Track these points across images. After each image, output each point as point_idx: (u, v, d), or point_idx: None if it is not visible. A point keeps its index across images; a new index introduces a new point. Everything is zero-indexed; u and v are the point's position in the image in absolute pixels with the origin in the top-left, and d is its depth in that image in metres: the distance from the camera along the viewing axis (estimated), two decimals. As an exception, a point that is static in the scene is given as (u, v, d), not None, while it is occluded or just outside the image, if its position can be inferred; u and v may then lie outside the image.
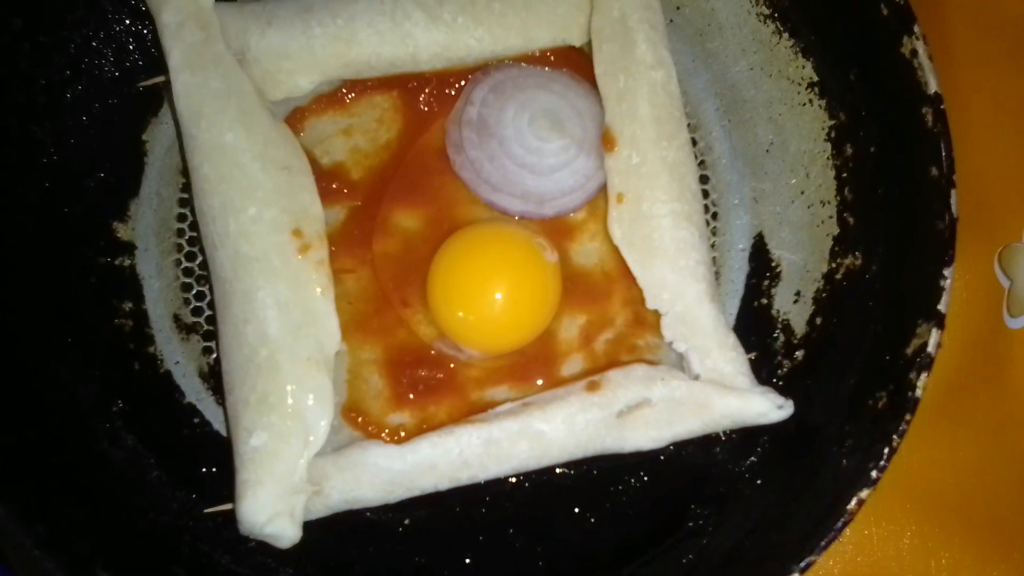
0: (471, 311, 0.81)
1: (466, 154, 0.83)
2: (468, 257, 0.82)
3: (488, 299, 0.82)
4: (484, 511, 0.84)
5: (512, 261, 0.83)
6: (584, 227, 0.86)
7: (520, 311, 0.83)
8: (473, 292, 0.82)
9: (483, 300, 0.82)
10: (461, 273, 0.82)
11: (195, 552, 0.80)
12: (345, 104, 0.86)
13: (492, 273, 0.82)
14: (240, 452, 0.77)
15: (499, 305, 0.82)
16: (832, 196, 0.87)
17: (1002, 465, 0.94)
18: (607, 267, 0.85)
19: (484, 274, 0.82)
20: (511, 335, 0.83)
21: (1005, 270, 0.97)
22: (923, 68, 0.79)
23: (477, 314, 0.82)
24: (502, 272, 0.82)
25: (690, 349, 0.80)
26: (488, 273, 0.82)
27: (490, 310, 0.82)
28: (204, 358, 0.87)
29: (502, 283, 0.82)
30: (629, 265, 0.81)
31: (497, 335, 0.83)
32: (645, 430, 0.79)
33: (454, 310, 0.81)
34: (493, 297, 0.82)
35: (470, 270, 0.82)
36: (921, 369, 0.76)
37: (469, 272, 0.82)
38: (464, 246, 0.83)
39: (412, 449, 0.77)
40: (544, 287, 0.82)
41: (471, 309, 0.81)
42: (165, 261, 0.87)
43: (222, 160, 0.78)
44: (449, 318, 0.81)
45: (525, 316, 0.83)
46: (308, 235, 0.79)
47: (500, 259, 0.83)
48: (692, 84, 0.92)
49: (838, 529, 0.74)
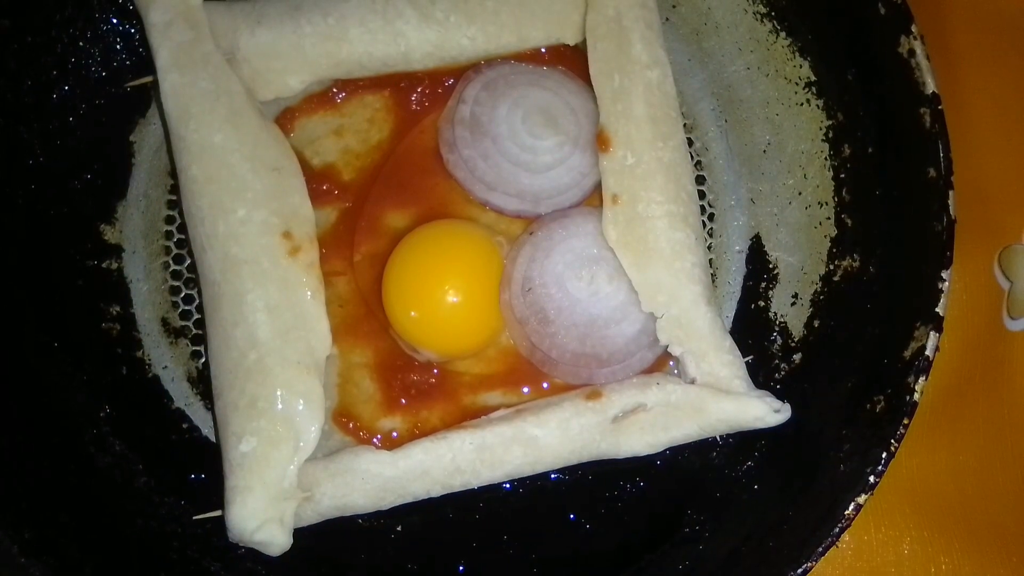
0: (423, 311, 0.79)
1: (459, 153, 0.83)
2: (420, 255, 0.80)
3: (438, 298, 0.80)
4: (478, 517, 0.84)
5: (465, 259, 0.81)
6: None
7: (474, 311, 0.81)
8: (423, 291, 0.79)
9: (434, 299, 0.80)
10: (412, 272, 0.80)
11: (184, 559, 0.79)
12: (336, 104, 0.85)
13: (444, 272, 0.80)
14: (229, 458, 0.76)
15: (451, 305, 0.80)
16: (830, 197, 0.86)
17: (1002, 469, 0.93)
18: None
19: (435, 272, 0.80)
20: (466, 337, 0.81)
21: (1005, 272, 0.96)
22: (921, 68, 0.78)
23: (429, 314, 0.80)
24: (454, 271, 0.80)
25: (686, 353, 0.80)
26: (439, 272, 0.80)
27: (442, 310, 0.80)
28: (193, 362, 0.86)
29: (454, 282, 0.80)
30: (624, 267, 0.80)
31: (451, 336, 0.81)
32: (640, 435, 0.78)
33: (406, 310, 0.79)
34: (444, 297, 0.80)
35: (421, 269, 0.80)
36: (919, 373, 0.75)
37: (420, 271, 0.80)
38: (417, 244, 0.81)
39: (404, 455, 0.76)
40: (495, 277, 0.81)
41: (423, 309, 0.79)
42: (153, 264, 0.87)
43: (211, 161, 0.77)
44: (401, 318, 0.80)
45: (480, 317, 0.81)
46: (298, 237, 0.78)
47: (453, 257, 0.81)
48: (688, 84, 0.91)
49: (836, 535, 0.73)
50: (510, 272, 0.81)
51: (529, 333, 0.80)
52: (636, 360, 0.81)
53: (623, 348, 0.80)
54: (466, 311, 0.81)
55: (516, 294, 0.80)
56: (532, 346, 0.81)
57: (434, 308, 0.80)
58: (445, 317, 0.80)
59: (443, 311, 0.80)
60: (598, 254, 0.81)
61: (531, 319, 0.80)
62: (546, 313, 0.80)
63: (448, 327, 0.81)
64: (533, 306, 0.80)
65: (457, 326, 0.81)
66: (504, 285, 0.81)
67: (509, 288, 0.81)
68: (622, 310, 0.80)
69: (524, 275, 0.80)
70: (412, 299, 0.79)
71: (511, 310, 0.80)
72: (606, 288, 0.81)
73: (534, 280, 0.80)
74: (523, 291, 0.80)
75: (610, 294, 0.80)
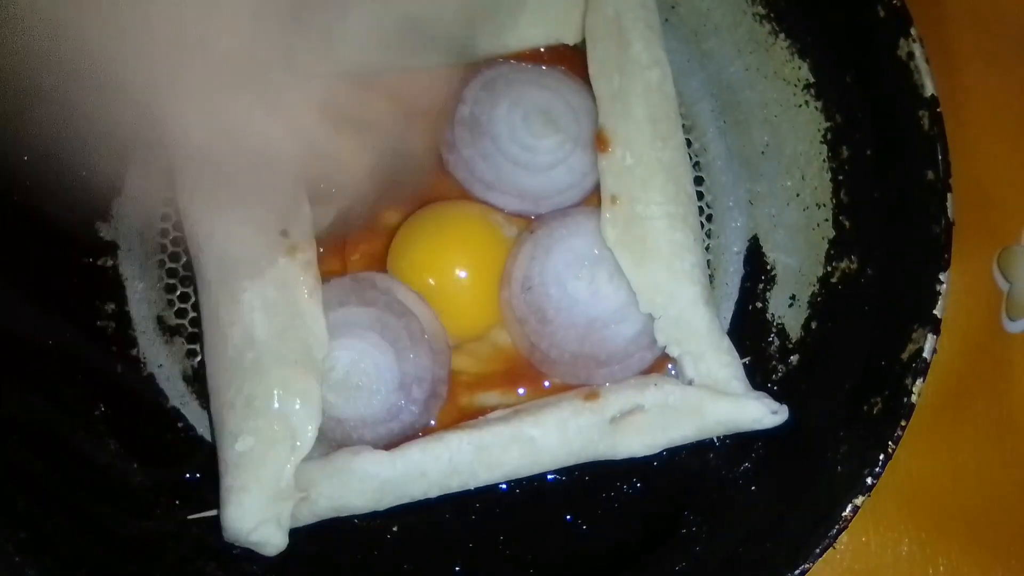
0: (441, 278, 0.80)
1: (459, 153, 0.82)
2: (439, 226, 0.81)
3: (458, 268, 0.81)
4: (474, 518, 0.83)
5: (482, 235, 0.82)
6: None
7: (489, 287, 0.81)
8: (442, 259, 0.80)
9: (451, 268, 0.80)
10: (432, 240, 0.81)
11: (179, 559, 0.79)
12: (334, 102, 0.84)
13: (463, 242, 0.81)
14: (225, 457, 0.75)
15: (469, 278, 0.81)
16: (828, 199, 0.86)
17: (1001, 471, 0.93)
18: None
19: (456, 242, 0.81)
20: (480, 313, 0.82)
21: (1004, 273, 0.96)
22: (919, 71, 0.78)
23: (447, 282, 0.80)
24: (476, 242, 0.81)
25: (684, 354, 0.79)
26: (460, 241, 0.81)
27: (459, 281, 0.81)
28: (188, 361, 0.85)
29: (476, 252, 0.81)
30: (622, 267, 0.80)
31: (466, 309, 0.82)
32: (638, 436, 0.78)
33: (423, 278, 0.80)
34: (463, 266, 0.81)
35: (443, 237, 0.81)
36: (917, 374, 0.75)
37: (441, 239, 0.81)
38: (433, 217, 0.81)
39: (402, 455, 0.76)
40: (500, 263, 0.81)
41: (441, 276, 0.80)
42: (149, 262, 0.86)
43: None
44: (416, 286, 0.80)
45: (492, 296, 0.81)
46: (295, 236, 0.78)
47: (471, 231, 0.82)
48: (687, 84, 0.91)
49: (833, 536, 0.73)
50: (510, 270, 0.81)
51: (528, 332, 0.80)
52: (635, 361, 0.81)
53: (622, 349, 0.80)
54: (481, 286, 0.81)
55: (516, 293, 0.80)
56: (531, 345, 0.80)
57: (452, 277, 0.80)
58: (463, 288, 0.81)
59: (460, 282, 0.81)
60: (599, 254, 0.81)
61: (530, 318, 0.80)
62: (545, 312, 0.80)
63: (465, 298, 0.81)
64: (532, 305, 0.80)
65: (473, 298, 0.81)
66: (504, 283, 0.81)
67: (509, 286, 0.80)
68: (622, 311, 0.80)
69: (524, 273, 0.80)
70: (430, 267, 0.80)
71: (511, 309, 0.80)
72: (606, 288, 0.80)
73: (534, 279, 0.80)
74: (523, 290, 0.80)
75: (610, 295, 0.80)
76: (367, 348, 0.78)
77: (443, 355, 0.79)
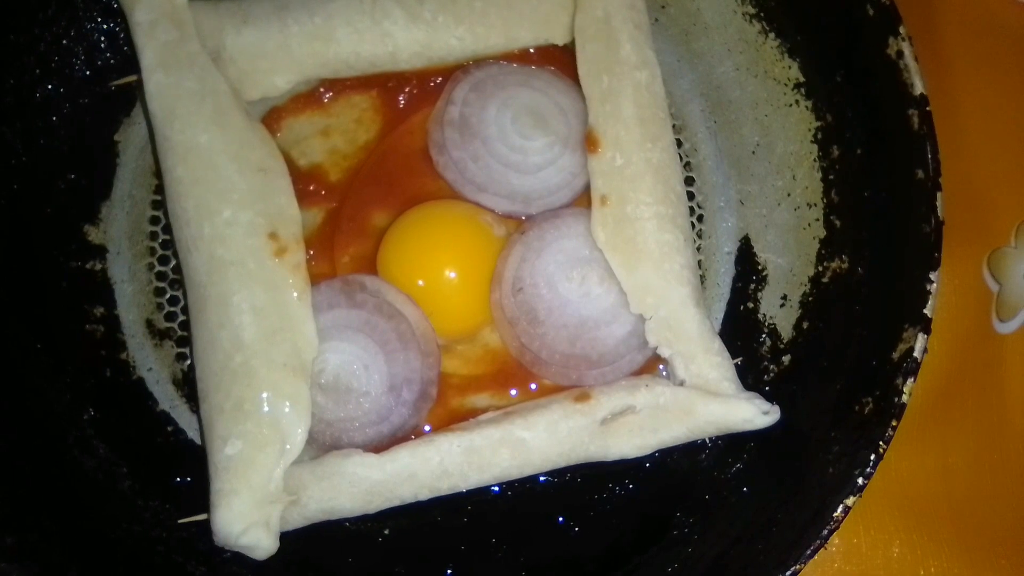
0: (431, 279, 0.80)
1: (449, 155, 0.82)
2: (428, 226, 0.81)
3: (447, 268, 0.80)
4: (466, 520, 0.83)
5: (472, 235, 0.81)
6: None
7: (478, 288, 0.81)
8: (431, 260, 0.80)
9: (440, 269, 0.80)
10: (421, 240, 0.80)
11: (169, 563, 0.78)
12: (323, 104, 0.84)
13: (452, 243, 0.81)
14: (215, 461, 0.75)
15: (459, 278, 0.81)
16: (818, 198, 0.86)
17: (991, 472, 0.94)
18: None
19: (444, 243, 0.80)
20: (468, 313, 0.82)
21: (994, 274, 0.97)
22: (909, 69, 0.78)
23: (437, 282, 0.80)
24: (464, 243, 0.81)
25: (675, 354, 0.79)
26: (448, 242, 0.81)
27: (448, 282, 0.80)
28: (178, 364, 0.85)
29: (465, 252, 0.81)
30: (613, 268, 0.79)
31: (455, 309, 0.81)
32: (629, 437, 0.78)
33: (412, 279, 0.79)
34: (452, 267, 0.80)
35: (431, 237, 0.80)
36: (908, 374, 0.75)
37: (430, 239, 0.80)
38: (423, 217, 0.81)
39: (391, 458, 0.75)
40: (491, 263, 0.81)
41: (430, 277, 0.80)
42: (138, 265, 0.86)
43: (196, 162, 0.77)
44: (405, 288, 0.80)
45: (482, 296, 0.81)
46: (285, 238, 0.77)
47: (460, 232, 0.81)
48: (677, 85, 0.91)
49: (824, 537, 0.73)
50: (501, 272, 0.80)
51: (519, 333, 0.80)
52: (626, 362, 0.80)
53: (613, 350, 0.80)
54: (471, 286, 0.81)
55: (507, 294, 0.80)
56: (522, 347, 0.80)
57: (442, 277, 0.80)
58: (453, 288, 0.80)
59: (450, 282, 0.80)
60: (589, 255, 0.80)
61: (521, 319, 0.80)
62: (536, 314, 0.79)
63: (455, 298, 0.81)
64: (523, 306, 0.80)
65: (463, 299, 0.81)
66: (495, 285, 0.81)
67: (500, 288, 0.80)
68: (612, 312, 0.80)
69: (515, 275, 0.80)
70: (419, 267, 0.79)
71: (501, 310, 0.80)
72: (597, 289, 0.80)
73: (525, 280, 0.80)
74: (514, 291, 0.80)
75: (601, 295, 0.80)
76: (357, 350, 0.78)
77: (433, 356, 0.79)
